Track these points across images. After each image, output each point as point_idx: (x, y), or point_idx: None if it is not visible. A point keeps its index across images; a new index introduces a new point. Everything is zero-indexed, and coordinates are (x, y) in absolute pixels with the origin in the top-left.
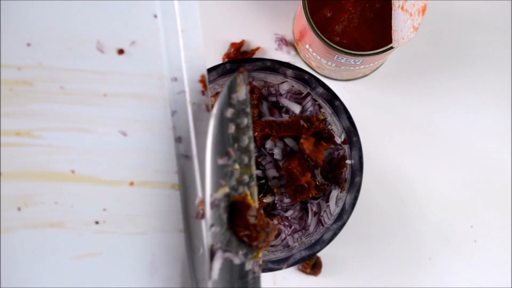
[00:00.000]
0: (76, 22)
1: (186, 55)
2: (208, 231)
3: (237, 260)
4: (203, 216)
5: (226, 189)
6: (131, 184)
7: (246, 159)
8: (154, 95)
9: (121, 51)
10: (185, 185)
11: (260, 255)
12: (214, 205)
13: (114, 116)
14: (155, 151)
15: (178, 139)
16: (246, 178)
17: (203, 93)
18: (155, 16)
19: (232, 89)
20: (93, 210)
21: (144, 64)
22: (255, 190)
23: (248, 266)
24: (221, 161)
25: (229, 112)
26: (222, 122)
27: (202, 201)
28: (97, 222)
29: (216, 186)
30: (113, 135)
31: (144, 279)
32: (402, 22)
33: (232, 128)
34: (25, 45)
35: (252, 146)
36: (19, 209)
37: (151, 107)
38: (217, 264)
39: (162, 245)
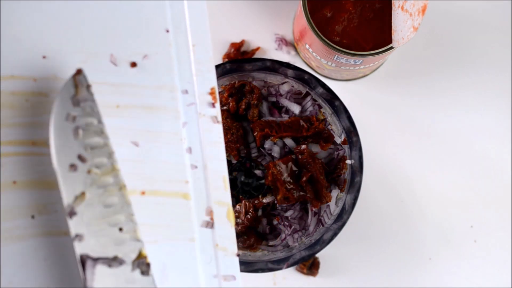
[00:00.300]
0: (90, 36)
1: (196, 68)
2: (74, 242)
3: (115, 265)
4: (212, 225)
5: (86, 196)
6: (143, 193)
7: (105, 161)
8: (166, 107)
9: (133, 64)
10: (196, 195)
11: (145, 253)
12: (72, 214)
13: (126, 127)
14: (166, 161)
15: (188, 150)
16: (110, 180)
17: (213, 105)
18: (167, 31)
19: (69, 92)
20: None
21: (156, 77)
22: (125, 192)
23: (134, 267)
24: (73, 168)
25: (72, 116)
26: (65, 128)
27: (211, 211)
28: None
29: (74, 194)
30: (125, 146)
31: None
32: (402, 22)
33: (79, 132)
34: (40, 57)
35: (110, 146)
36: (33, 217)
37: (163, 119)
38: (90, 273)
39: (173, 254)
